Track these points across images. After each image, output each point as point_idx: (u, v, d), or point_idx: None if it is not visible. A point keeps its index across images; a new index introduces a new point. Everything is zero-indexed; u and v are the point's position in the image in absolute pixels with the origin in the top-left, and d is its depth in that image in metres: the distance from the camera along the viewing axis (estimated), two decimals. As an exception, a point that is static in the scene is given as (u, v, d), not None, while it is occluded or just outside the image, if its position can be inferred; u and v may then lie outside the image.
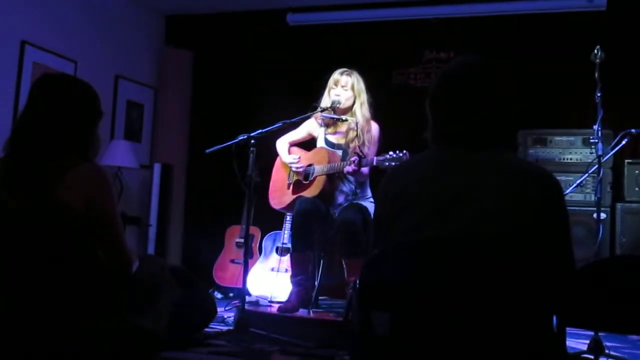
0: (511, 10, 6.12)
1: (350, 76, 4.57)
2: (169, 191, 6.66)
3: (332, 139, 4.67)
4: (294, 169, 4.69)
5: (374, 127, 4.58)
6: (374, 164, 4.12)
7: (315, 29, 6.73)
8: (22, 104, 2.61)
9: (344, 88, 4.54)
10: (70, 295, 2.36)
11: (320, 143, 4.70)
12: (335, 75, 4.59)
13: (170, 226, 6.74)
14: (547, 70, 5.94)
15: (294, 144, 4.88)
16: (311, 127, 4.82)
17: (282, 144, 4.85)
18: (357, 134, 4.47)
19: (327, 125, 4.72)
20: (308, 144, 4.90)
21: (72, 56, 5.96)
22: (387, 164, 4.02)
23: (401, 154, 3.99)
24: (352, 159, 4.22)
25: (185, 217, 7.03)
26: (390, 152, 4.03)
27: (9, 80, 5.39)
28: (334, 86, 4.56)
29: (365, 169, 4.33)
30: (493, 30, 6.18)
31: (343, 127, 4.64)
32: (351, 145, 4.49)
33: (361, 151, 4.32)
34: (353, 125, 4.50)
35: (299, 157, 4.70)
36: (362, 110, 4.55)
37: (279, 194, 4.79)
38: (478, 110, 1.88)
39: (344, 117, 4.52)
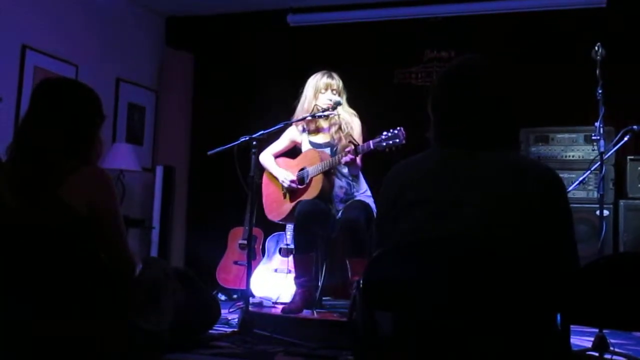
0: (512, 8, 6.12)
1: (337, 78, 4.62)
2: (172, 193, 6.67)
3: (317, 139, 4.67)
4: (285, 185, 4.64)
5: (356, 121, 4.60)
6: (372, 147, 4.09)
7: (315, 29, 6.73)
8: (23, 108, 2.62)
9: (334, 91, 4.56)
10: (73, 298, 2.36)
11: (306, 147, 4.70)
12: (325, 79, 4.58)
13: (173, 228, 6.74)
14: (548, 67, 5.94)
15: (278, 155, 4.87)
16: (293, 135, 4.80)
17: (267, 157, 4.82)
18: (339, 126, 4.49)
19: (309, 130, 4.71)
20: (291, 153, 4.90)
21: (73, 60, 5.97)
22: (384, 144, 3.99)
23: (396, 131, 3.97)
24: (347, 149, 4.20)
25: (187, 219, 7.03)
26: (385, 132, 4.01)
27: (10, 85, 5.39)
28: (324, 91, 4.55)
29: (359, 159, 4.32)
30: (494, 28, 6.18)
31: (325, 125, 4.64)
32: (335, 137, 4.50)
33: (353, 139, 4.33)
34: (335, 119, 4.53)
35: (293, 177, 4.64)
36: (345, 109, 4.60)
37: (276, 206, 4.76)
38: (479, 109, 1.89)
39: (325, 113, 4.50)
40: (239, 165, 4.21)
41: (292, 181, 4.60)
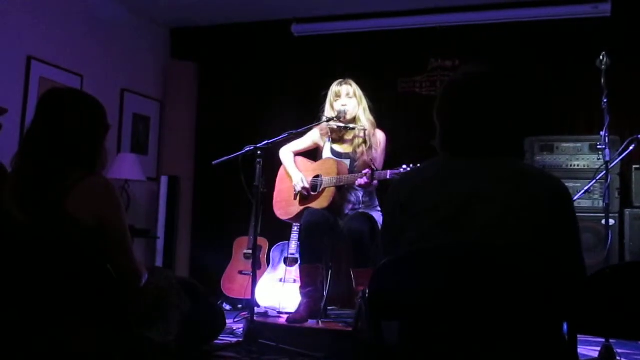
0: (516, 17, 6.12)
1: (351, 85, 4.59)
2: (176, 203, 6.68)
3: (339, 148, 4.66)
4: (298, 189, 4.63)
5: (380, 133, 4.58)
6: (388, 177, 4.09)
7: (320, 39, 6.74)
8: (29, 119, 2.62)
9: (349, 96, 4.55)
10: (80, 309, 2.36)
11: (327, 153, 4.69)
12: (335, 87, 4.60)
13: (178, 238, 6.75)
14: (553, 76, 5.95)
15: (298, 154, 4.88)
16: (316, 137, 4.81)
17: (286, 153, 4.83)
18: (364, 140, 4.48)
19: (332, 138, 4.70)
20: (311, 153, 4.91)
21: (78, 70, 5.99)
22: None
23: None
24: (365, 171, 4.19)
25: (192, 228, 7.03)
26: (404, 166, 4.00)
27: (16, 96, 5.41)
28: (336, 98, 4.56)
29: (375, 182, 4.30)
30: (498, 37, 6.17)
31: (349, 135, 4.63)
32: (358, 151, 4.50)
33: (372, 161, 4.32)
34: (359, 132, 4.51)
35: (306, 185, 4.61)
36: (366, 115, 4.59)
37: (285, 205, 4.77)
38: (485, 117, 1.89)
39: (351, 125, 4.52)
40: (244, 175, 4.21)
41: (304, 188, 4.60)
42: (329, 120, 4.52)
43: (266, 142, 4.21)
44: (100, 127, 2.61)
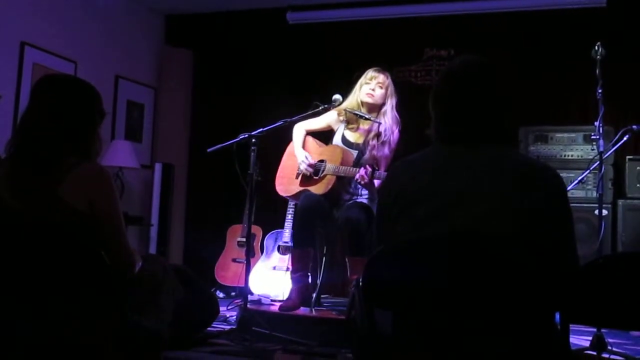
0: (511, 7, 6.11)
1: (387, 76, 4.54)
2: (170, 191, 6.67)
3: (351, 136, 4.59)
4: (302, 168, 4.57)
5: (397, 134, 4.53)
6: None
7: (315, 27, 6.72)
8: (22, 105, 2.61)
9: (380, 86, 4.49)
10: (73, 296, 2.36)
11: (337, 139, 4.62)
12: (371, 72, 4.53)
13: (172, 225, 6.74)
14: (548, 67, 5.94)
15: (311, 133, 4.80)
16: (331, 120, 4.71)
17: (299, 131, 4.73)
18: (377, 134, 4.43)
19: (348, 122, 4.64)
20: (322, 134, 4.85)
21: (72, 57, 5.96)
22: None
23: None
24: (367, 169, 4.10)
25: (186, 216, 7.03)
26: None
27: (9, 81, 5.39)
28: (368, 81, 4.50)
29: (377, 182, 4.25)
30: (493, 27, 6.17)
31: (365, 125, 4.56)
32: (370, 144, 4.44)
33: (378, 159, 4.29)
34: (376, 127, 4.45)
35: (310, 161, 4.55)
36: (392, 112, 4.52)
37: (286, 181, 4.71)
38: (481, 107, 1.89)
39: (366, 115, 4.44)
40: (239, 163, 4.21)
41: (309, 165, 4.53)
42: (322, 107, 4.45)
43: (261, 129, 4.20)
44: (95, 114, 2.59)
